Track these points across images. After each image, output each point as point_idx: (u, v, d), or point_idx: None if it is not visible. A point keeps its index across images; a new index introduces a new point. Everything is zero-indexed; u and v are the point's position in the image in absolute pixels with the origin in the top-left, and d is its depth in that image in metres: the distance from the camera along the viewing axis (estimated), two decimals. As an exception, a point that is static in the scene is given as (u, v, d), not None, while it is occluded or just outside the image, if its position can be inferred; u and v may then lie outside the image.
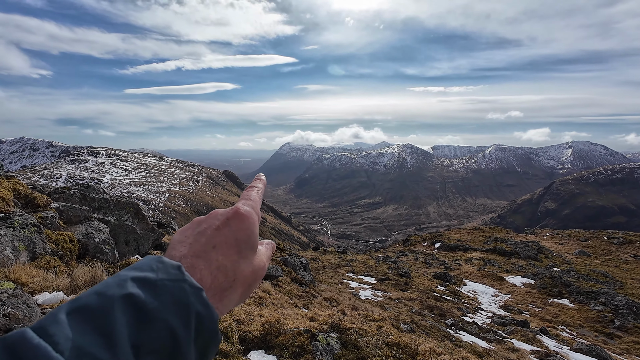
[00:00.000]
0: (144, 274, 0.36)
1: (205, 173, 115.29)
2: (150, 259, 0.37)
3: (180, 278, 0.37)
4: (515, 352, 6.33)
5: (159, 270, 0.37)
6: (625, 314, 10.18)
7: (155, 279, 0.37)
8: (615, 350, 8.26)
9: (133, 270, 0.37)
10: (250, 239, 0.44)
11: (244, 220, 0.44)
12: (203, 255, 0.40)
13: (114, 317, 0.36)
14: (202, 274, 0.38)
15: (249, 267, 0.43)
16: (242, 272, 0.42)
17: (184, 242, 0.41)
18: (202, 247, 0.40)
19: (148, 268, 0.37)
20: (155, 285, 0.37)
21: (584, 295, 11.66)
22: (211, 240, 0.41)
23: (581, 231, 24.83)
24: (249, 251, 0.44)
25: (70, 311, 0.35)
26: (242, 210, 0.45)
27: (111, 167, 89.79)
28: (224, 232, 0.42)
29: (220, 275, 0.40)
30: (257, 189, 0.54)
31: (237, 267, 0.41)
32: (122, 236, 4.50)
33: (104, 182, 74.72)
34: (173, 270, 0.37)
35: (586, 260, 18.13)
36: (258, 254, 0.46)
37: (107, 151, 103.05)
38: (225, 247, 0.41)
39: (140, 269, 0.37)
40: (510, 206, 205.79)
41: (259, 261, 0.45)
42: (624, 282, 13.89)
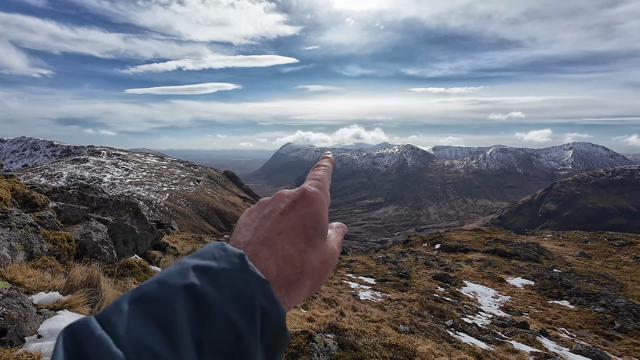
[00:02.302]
0: (206, 263, 0.33)
1: (206, 173, 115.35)
2: (212, 245, 0.34)
3: (243, 268, 0.33)
4: (514, 354, 6.31)
5: (221, 258, 0.33)
6: (625, 315, 10.15)
7: (217, 268, 0.33)
8: (615, 352, 8.23)
9: (195, 258, 0.33)
10: (319, 224, 0.39)
11: (311, 203, 0.40)
12: (268, 242, 0.36)
13: (175, 309, 0.33)
14: (268, 264, 0.35)
15: (319, 257, 0.39)
16: (310, 262, 0.37)
17: (250, 225, 0.38)
18: (267, 232, 0.37)
19: (210, 256, 0.33)
20: (217, 275, 0.33)
21: (584, 296, 11.63)
22: (277, 226, 0.37)
23: (581, 233, 24.78)
24: (318, 238, 0.39)
25: (133, 300, 0.33)
26: (310, 191, 0.41)
27: (112, 166, 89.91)
28: (290, 217, 0.38)
29: (287, 266, 0.36)
30: (325, 167, 0.48)
31: (306, 256, 0.37)
32: (121, 236, 4.50)
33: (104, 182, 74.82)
34: (236, 260, 0.33)
35: (586, 261, 18.08)
36: (328, 241, 0.41)
37: (108, 151, 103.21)
38: (292, 234, 0.37)
39: (202, 257, 0.33)
40: (511, 207, 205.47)
41: (330, 249, 0.41)
42: (624, 284, 13.85)
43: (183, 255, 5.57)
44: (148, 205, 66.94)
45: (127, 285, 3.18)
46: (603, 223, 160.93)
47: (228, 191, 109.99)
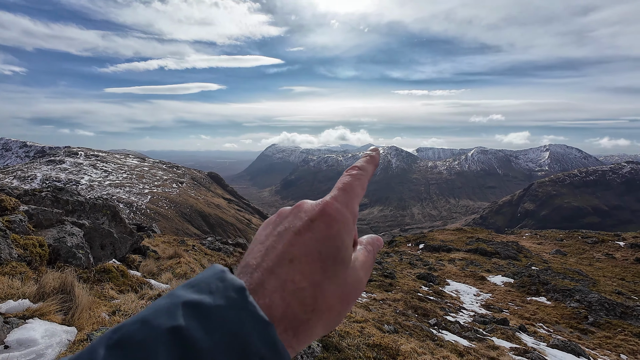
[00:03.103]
0: (199, 298, 0.29)
1: (190, 174, 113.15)
2: (212, 272, 0.29)
3: (242, 306, 0.29)
4: (495, 350, 6.47)
5: (217, 292, 0.29)
6: (598, 310, 10.60)
7: (211, 306, 0.29)
8: (588, 345, 8.59)
9: (189, 290, 0.29)
10: (339, 251, 0.31)
11: (331, 224, 0.32)
12: (277, 270, 0.30)
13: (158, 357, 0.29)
14: (273, 299, 0.30)
15: (337, 291, 0.31)
16: (325, 298, 0.30)
17: (263, 243, 0.32)
18: (277, 258, 0.30)
19: (206, 288, 0.29)
20: (210, 315, 0.29)
21: (560, 293, 12.08)
22: (289, 250, 0.30)
23: (557, 231, 25.76)
24: (338, 267, 0.31)
25: (111, 344, 0.29)
26: (331, 208, 0.32)
27: (90, 168, 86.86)
28: (305, 240, 0.31)
29: (295, 303, 0.30)
30: (359, 174, 0.37)
31: (319, 291, 0.30)
32: (98, 240, 4.35)
33: (82, 184, 72.18)
34: (234, 294, 0.29)
35: (562, 259, 18.81)
36: (352, 268, 0.33)
37: (85, 152, 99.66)
38: (305, 263, 0.30)
39: (197, 288, 0.29)
40: (492, 207, 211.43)
41: (353, 279, 0.32)
42: (597, 280, 14.48)
43: (163, 258, 5.43)
44: (128, 207, 65.01)
45: (103, 290, 3.07)
46: (577, 222, 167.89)
47: (212, 193, 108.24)
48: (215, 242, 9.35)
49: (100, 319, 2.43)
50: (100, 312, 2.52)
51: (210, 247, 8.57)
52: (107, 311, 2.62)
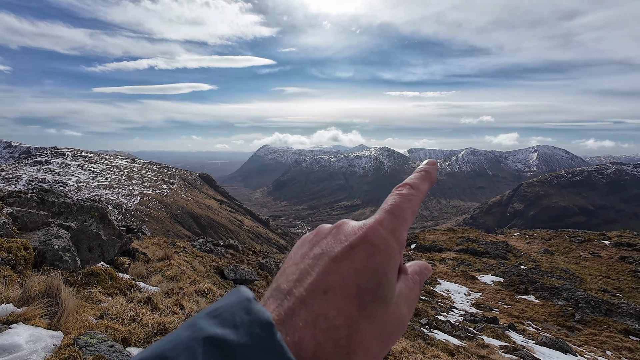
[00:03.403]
0: (222, 333, 0.26)
1: (180, 175, 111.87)
2: (237, 300, 0.26)
3: (268, 346, 0.26)
4: (485, 348, 6.56)
5: (242, 326, 0.26)
6: (585, 307, 10.84)
7: (235, 344, 0.26)
8: (575, 342, 8.77)
9: (211, 321, 0.26)
10: (380, 287, 0.27)
11: (374, 255, 0.28)
12: (310, 301, 0.27)
13: None
14: (302, 336, 0.26)
15: (375, 331, 0.27)
16: (362, 340, 0.27)
17: (297, 265, 0.27)
18: (311, 287, 0.27)
19: (230, 319, 0.26)
20: (234, 355, 0.26)
21: (548, 291, 12.31)
22: (324, 280, 0.27)
23: (545, 231, 26.27)
24: (377, 305, 0.27)
25: None
26: (375, 235, 0.28)
27: (78, 169, 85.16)
28: (342, 269, 0.27)
29: (328, 343, 0.27)
30: (411, 194, 0.31)
31: (355, 331, 0.27)
32: (85, 242, 4.26)
33: (69, 185, 70.70)
34: (260, 332, 0.26)
35: (550, 258, 19.18)
36: (395, 305, 0.28)
37: (73, 152, 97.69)
38: (341, 296, 0.27)
39: (220, 319, 0.26)
40: (482, 207, 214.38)
41: (394, 317, 0.28)
42: (584, 278, 14.81)
43: (153, 261, 5.36)
44: (117, 209, 63.94)
45: (91, 294, 3.01)
46: (564, 221, 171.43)
47: (204, 194, 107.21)
48: (207, 244, 9.26)
49: (88, 323, 2.38)
50: (87, 316, 2.47)
51: (202, 249, 8.49)
52: (94, 315, 2.57)
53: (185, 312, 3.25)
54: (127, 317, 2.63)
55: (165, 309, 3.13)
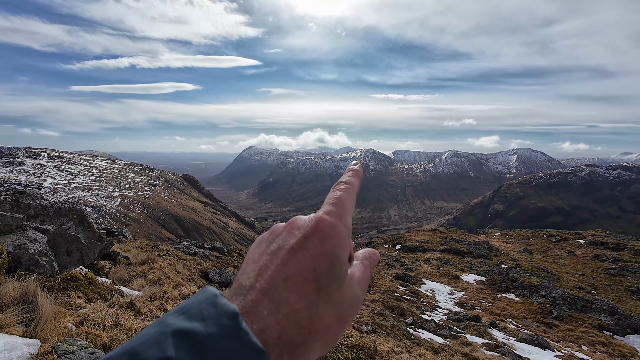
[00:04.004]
0: (190, 326, 0.28)
1: (163, 177, 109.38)
2: (204, 296, 0.28)
3: (236, 334, 0.28)
4: (468, 346, 6.70)
5: (209, 318, 0.28)
6: (562, 304, 11.25)
7: (203, 335, 0.28)
8: (553, 338, 9.09)
9: (180, 317, 0.28)
10: (334, 268, 0.30)
11: (325, 240, 0.30)
12: (271, 291, 0.29)
13: None
14: (267, 323, 0.28)
15: (333, 310, 0.30)
16: (321, 319, 0.29)
17: (256, 262, 0.30)
18: (270, 278, 0.29)
19: (197, 314, 0.28)
20: (202, 345, 0.28)
21: (527, 289, 12.71)
22: (283, 270, 0.29)
23: (525, 231, 27.12)
24: (333, 286, 0.30)
25: None
26: (325, 224, 0.31)
27: (54, 170, 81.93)
28: (299, 258, 0.30)
29: (291, 326, 0.29)
30: (347, 186, 0.37)
31: (315, 311, 0.29)
32: (63, 246, 4.11)
33: (45, 187, 67.92)
34: (227, 322, 0.28)
35: (529, 257, 19.81)
36: (349, 284, 0.31)
37: (49, 153, 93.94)
38: (300, 282, 0.29)
39: (188, 315, 0.28)
40: (464, 208, 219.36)
41: (349, 297, 0.30)
42: (561, 276, 15.38)
43: (135, 264, 5.21)
44: (97, 211, 61.89)
45: (69, 300, 2.91)
46: (542, 221, 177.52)
47: (187, 196, 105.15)
48: (191, 247, 9.09)
49: (67, 330, 2.30)
50: (66, 323, 2.38)
51: (186, 252, 8.32)
52: (73, 321, 2.48)
53: (170, 316, 3.18)
54: (108, 322, 2.55)
55: (149, 313, 3.06)
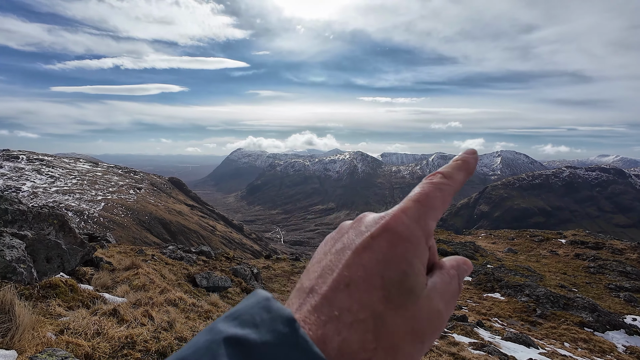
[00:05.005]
0: (243, 333, 0.25)
1: (149, 180, 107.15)
2: (255, 301, 0.25)
3: (292, 341, 0.25)
4: (455, 346, 6.80)
5: (262, 325, 0.25)
6: (545, 303, 11.55)
7: (257, 343, 0.25)
8: (537, 336, 9.31)
9: (231, 323, 0.25)
10: (407, 277, 0.25)
11: (395, 244, 0.26)
12: (332, 296, 0.25)
13: None
14: (326, 332, 0.25)
15: (404, 325, 0.25)
16: (390, 334, 0.25)
17: (320, 262, 0.26)
18: (333, 281, 0.25)
19: (249, 320, 0.25)
20: (257, 353, 0.25)
21: (512, 288, 12.99)
22: (346, 273, 0.25)
23: (509, 231, 27.75)
24: (405, 297, 0.25)
25: None
26: (397, 223, 0.26)
27: (33, 173, 79.15)
28: (363, 261, 0.25)
29: (353, 338, 0.25)
30: (443, 183, 0.29)
31: (382, 324, 0.25)
32: (43, 252, 3.96)
33: (24, 191, 65.50)
34: (282, 328, 0.25)
35: (513, 257, 20.27)
36: (427, 298, 0.25)
37: (28, 155, 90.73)
38: (364, 288, 0.25)
39: (240, 321, 0.25)
40: (451, 210, 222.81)
41: (428, 312, 0.25)
42: (544, 275, 15.79)
43: (119, 270, 5.08)
44: (79, 216, 60.07)
45: (49, 308, 2.80)
46: (526, 221, 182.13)
47: (174, 199, 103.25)
48: (177, 251, 8.92)
49: (46, 340, 2.21)
50: (45, 332, 2.29)
51: (172, 256, 8.16)
52: (53, 330, 2.39)
53: (155, 322, 3.11)
54: (90, 331, 2.47)
55: (133, 320, 2.98)
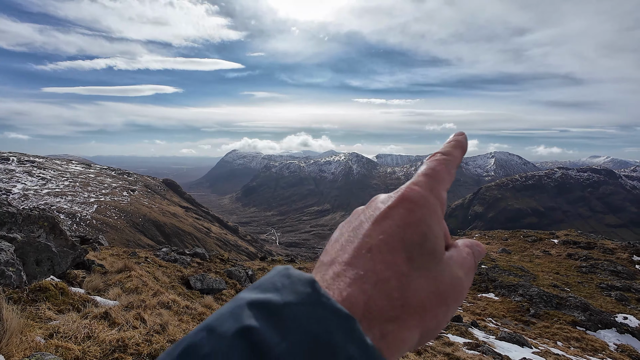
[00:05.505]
0: (265, 297, 0.25)
1: (143, 182, 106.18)
2: (275, 271, 0.25)
3: (315, 300, 0.25)
4: (450, 346, 6.82)
5: (284, 288, 0.25)
6: (538, 302, 11.65)
7: (280, 304, 0.25)
8: (530, 335, 9.39)
9: (253, 291, 0.25)
10: (427, 239, 0.26)
11: (414, 210, 0.26)
12: (354, 262, 0.25)
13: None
14: (351, 292, 0.25)
15: (429, 285, 0.25)
16: (416, 292, 0.25)
17: (338, 241, 0.27)
18: (354, 250, 0.26)
19: (271, 286, 0.25)
20: (281, 313, 0.25)
21: (506, 288, 13.09)
22: (366, 240, 0.25)
23: (503, 231, 27.98)
24: (427, 258, 0.26)
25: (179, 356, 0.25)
26: (413, 193, 0.28)
27: (24, 175, 77.97)
28: (384, 227, 0.26)
29: (379, 295, 0.25)
30: (444, 158, 0.32)
31: (407, 284, 0.25)
32: (33, 255, 3.90)
33: (14, 193, 64.47)
34: (303, 288, 0.25)
35: (507, 257, 20.44)
36: (447, 264, 0.27)
37: (19, 157, 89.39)
38: (387, 251, 0.25)
39: (260, 288, 0.25)
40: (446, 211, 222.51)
41: (450, 276, 0.26)
42: (537, 275, 15.94)
43: (111, 272, 5.01)
44: (71, 218, 59.27)
45: (39, 312, 2.75)
46: (519, 222, 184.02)
47: (168, 201, 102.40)
48: (171, 253, 8.84)
49: (35, 344, 2.17)
50: (34, 336, 2.25)
51: (166, 259, 8.08)
52: (42, 334, 2.35)
53: (147, 325, 3.07)
54: (80, 334, 2.43)
55: (125, 323, 2.94)
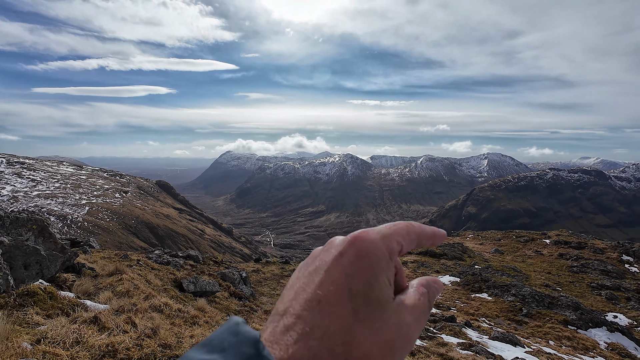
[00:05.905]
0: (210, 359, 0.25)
1: (135, 183, 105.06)
2: (227, 326, 0.26)
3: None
4: (444, 347, 6.85)
5: (229, 348, 0.25)
6: (530, 302, 11.77)
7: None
8: (523, 335, 9.47)
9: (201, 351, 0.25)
10: (371, 289, 0.26)
11: (361, 256, 0.27)
12: (304, 314, 0.26)
13: None
14: (297, 349, 0.25)
15: (373, 337, 0.26)
16: (359, 345, 0.25)
17: (294, 286, 0.27)
18: (305, 301, 0.26)
19: (218, 345, 0.25)
20: None
21: (499, 288, 13.20)
22: (317, 293, 0.26)
23: (496, 232, 28.25)
24: (372, 308, 0.26)
25: None
26: (363, 238, 0.28)
27: (14, 177, 76.60)
28: (333, 277, 0.26)
29: (323, 352, 0.25)
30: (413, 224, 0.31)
31: (351, 337, 0.25)
32: (20, 259, 3.82)
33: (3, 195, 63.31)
34: (247, 349, 0.25)
35: (500, 257, 20.64)
36: (395, 311, 0.26)
37: (8, 158, 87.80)
38: (334, 302, 0.26)
39: (209, 347, 0.25)
40: (440, 211, 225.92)
41: (396, 324, 0.26)
42: (529, 275, 16.11)
43: (102, 276, 4.94)
44: (61, 221, 58.38)
45: (26, 316, 2.70)
46: (512, 222, 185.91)
47: (161, 202, 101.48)
48: (164, 255, 8.74)
49: (21, 350, 2.12)
50: (21, 342, 2.20)
51: (158, 261, 7.99)
52: (29, 340, 2.30)
53: (138, 329, 3.02)
54: (69, 340, 2.38)
55: (115, 328, 2.89)
